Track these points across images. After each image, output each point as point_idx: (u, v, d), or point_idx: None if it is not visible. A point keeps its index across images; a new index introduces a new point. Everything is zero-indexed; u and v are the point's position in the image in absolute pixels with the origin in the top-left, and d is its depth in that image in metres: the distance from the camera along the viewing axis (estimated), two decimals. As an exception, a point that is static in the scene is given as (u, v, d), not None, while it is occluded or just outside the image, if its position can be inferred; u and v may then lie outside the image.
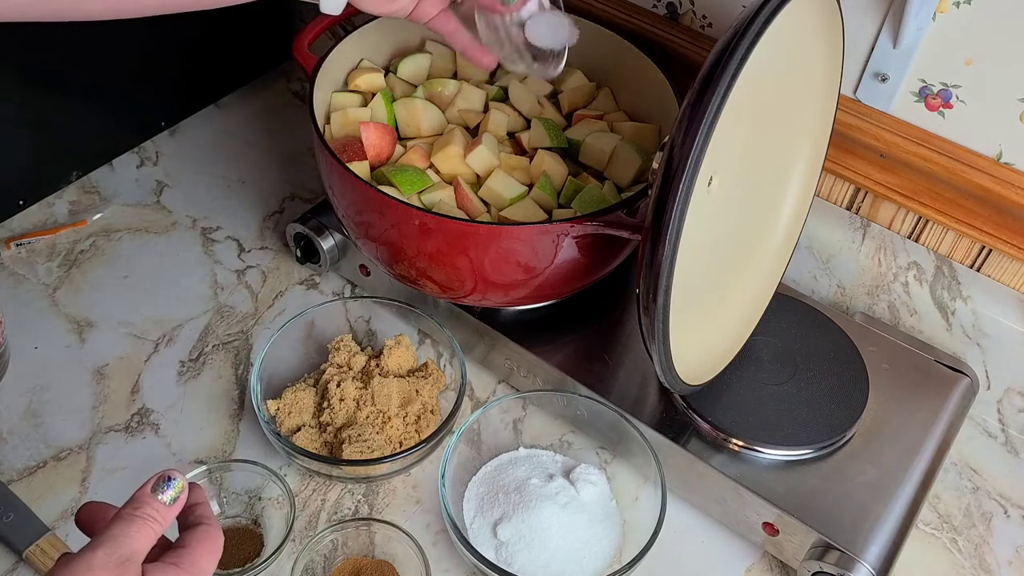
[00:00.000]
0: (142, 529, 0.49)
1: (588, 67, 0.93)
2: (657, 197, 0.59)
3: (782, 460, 0.75)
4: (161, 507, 0.51)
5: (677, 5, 0.89)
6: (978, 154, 0.78)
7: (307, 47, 0.85)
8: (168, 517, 0.51)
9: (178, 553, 0.51)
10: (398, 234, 0.76)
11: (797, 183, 0.81)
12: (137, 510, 0.50)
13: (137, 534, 0.49)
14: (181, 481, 0.52)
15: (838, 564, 0.69)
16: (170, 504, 0.51)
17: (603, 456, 0.81)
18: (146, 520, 0.50)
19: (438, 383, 0.84)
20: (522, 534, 0.74)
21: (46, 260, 0.96)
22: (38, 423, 0.82)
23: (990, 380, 0.87)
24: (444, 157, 0.82)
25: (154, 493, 0.51)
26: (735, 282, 0.79)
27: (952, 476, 0.84)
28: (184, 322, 0.91)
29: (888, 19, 0.76)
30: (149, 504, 0.50)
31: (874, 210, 0.86)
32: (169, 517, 0.51)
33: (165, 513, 0.51)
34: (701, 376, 0.76)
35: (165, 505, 0.51)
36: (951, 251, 0.84)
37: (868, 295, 0.91)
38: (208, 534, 0.52)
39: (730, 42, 0.58)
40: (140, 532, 0.49)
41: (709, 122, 0.57)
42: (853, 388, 0.79)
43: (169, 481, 0.51)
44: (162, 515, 0.51)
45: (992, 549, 0.79)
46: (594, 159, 0.85)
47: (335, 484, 0.80)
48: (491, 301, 0.82)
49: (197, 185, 1.05)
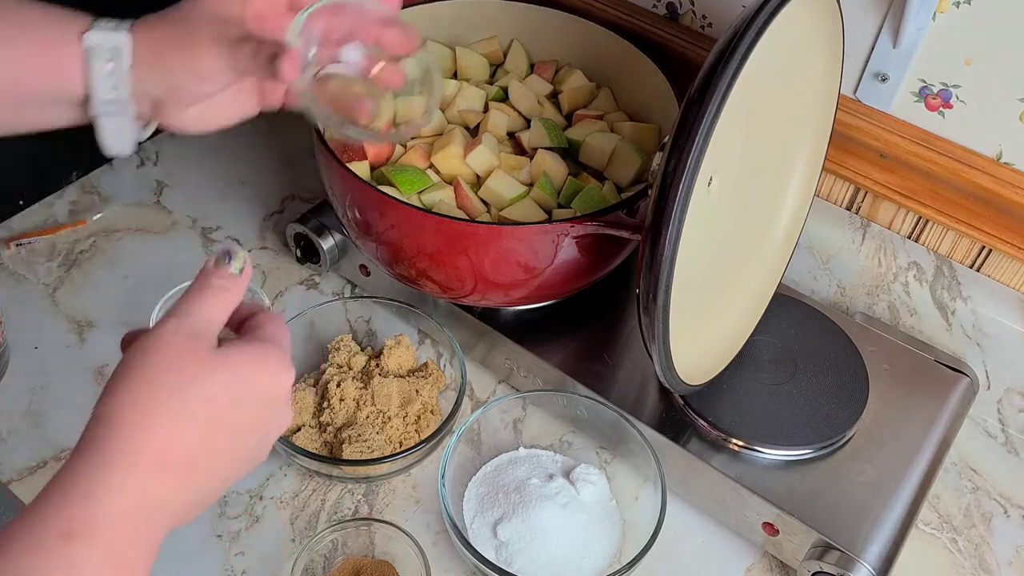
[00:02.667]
0: (213, 299, 0.47)
1: (588, 67, 0.93)
2: (657, 197, 0.59)
3: (782, 460, 0.75)
4: (229, 276, 0.48)
5: (677, 5, 0.89)
6: (978, 154, 0.78)
7: (307, 47, 0.85)
8: (238, 287, 0.48)
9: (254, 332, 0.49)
10: (398, 234, 0.76)
11: (797, 183, 0.81)
12: (206, 281, 0.48)
13: (209, 305, 0.47)
14: (243, 252, 0.49)
15: (838, 564, 0.69)
16: (238, 274, 0.48)
17: (603, 456, 0.81)
18: (216, 290, 0.47)
19: (438, 383, 0.84)
20: (522, 534, 0.74)
21: (46, 260, 0.96)
22: (38, 423, 0.82)
23: (990, 380, 0.87)
24: (444, 157, 0.82)
25: (218, 266, 0.48)
26: (735, 282, 0.79)
27: (952, 476, 0.84)
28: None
29: (888, 19, 0.76)
30: (216, 274, 0.48)
31: (874, 210, 0.86)
32: (239, 288, 0.48)
33: (234, 282, 0.48)
34: (701, 376, 0.76)
35: (233, 274, 0.48)
36: (951, 251, 0.84)
37: (868, 295, 0.91)
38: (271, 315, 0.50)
39: (730, 42, 0.58)
40: (212, 302, 0.47)
41: (709, 122, 0.57)
42: (853, 388, 0.79)
43: (231, 254, 0.49)
44: (232, 284, 0.48)
45: (992, 549, 0.79)
46: (594, 159, 0.85)
47: (335, 484, 0.80)
48: (491, 301, 0.82)
49: (197, 185, 1.05)
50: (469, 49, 0.94)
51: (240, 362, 0.47)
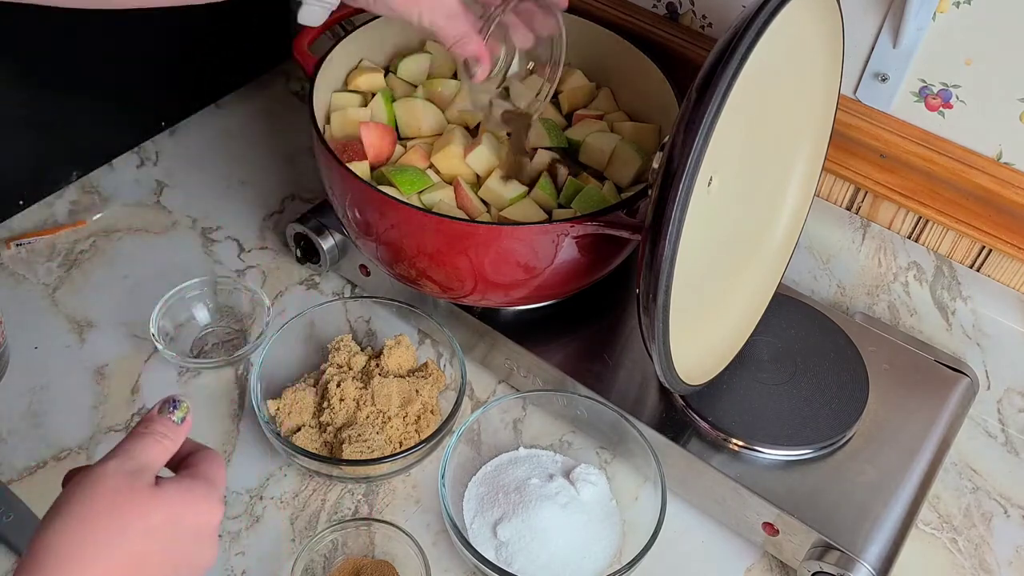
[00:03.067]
0: (154, 445, 0.49)
1: (588, 67, 0.93)
2: (657, 197, 0.59)
3: (782, 460, 0.75)
4: (171, 425, 0.50)
5: (677, 5, 0.89)
6: (978, 154, 0.78)
7: (307, 47, 0.85)
8: (178, 436, 0.51)
9: (190, 470, 0.51)
10: (398, 234, 0.76)
11: (797, 183, 0.81)
12: (148, 428, 0.50)
13: (149, 448, 0.49)
14: (187, 403, 0.51)
15: (838, 564, 0.69)
16: (179, 423, 0.51)
17: (603, 456, 0.81)
18: (157, 436, 0.49)
19: (438, 383, 0.84)
20: (522, 534, 0.74)
21: (46, 260, 0.96)
22: (38, 423, 0.82)
23: (990, 380, 0.87)
24: (444, 157, 0.82)
25: (161, 415, 0.51)
26: (735, 282, 0.79)
27: (952, 476, 0.84)
28: (184, 322, 0.91)
29: (888, 19, 0.76)
30: (158, 422, 0.50)
31: (874, 210, 0.86)
32: (179, 436, 0.51)
33: (175, 431, 0.50)
34: (701, 376, 0.76)
35: (175, 423, 0.50)
36: (951, 251, 0.84)
37: (868, 295, 0.91)
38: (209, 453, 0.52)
39: (730, 42, 0.58)
40: (152, 447, 0.49)
41: (709, 122, 0.57)
42: (853, 388, 0.79)
43: (175, 403, 0.51)
44: (172, 433, 0.50)
45: (992, 549, 0.79)
46: (594, 159, 0.85)
47: (335, 484, 0.80)
48: (491, 301, 0.82)
49: (197, 185, 1.05)
50: (469, 49, 0.93)
51: (173, 501, 0.48)
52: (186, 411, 0.52)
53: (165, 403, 0.51)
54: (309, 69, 0.84)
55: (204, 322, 0.90)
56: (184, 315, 0.89)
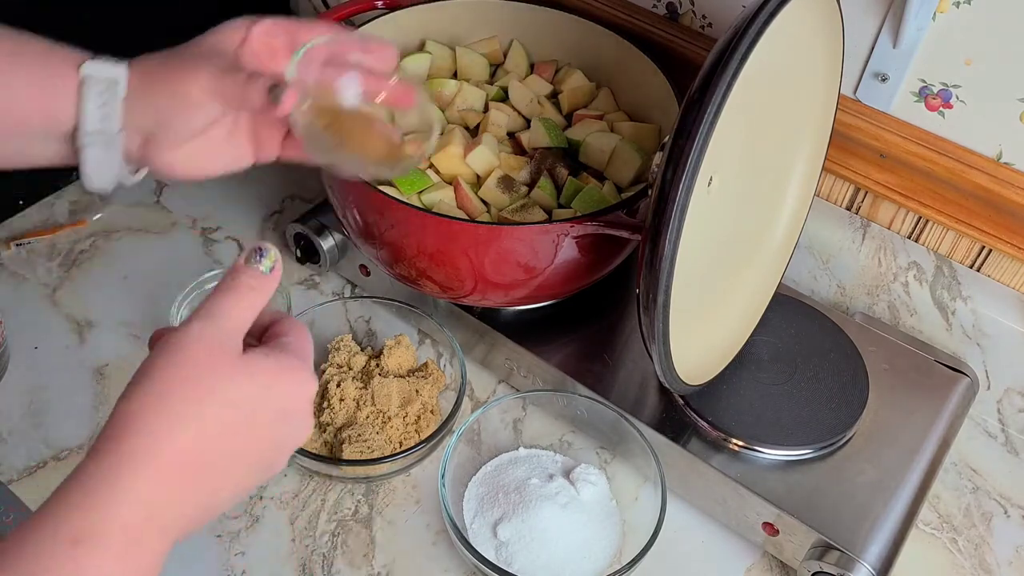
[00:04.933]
0: (241, 300, 0.47)
1: (588, 67, 0.93)
2: (657, 197, 0.59)
3: (782, 460, 0.75)
4: (259, 275, 0.47)
5: (677, 5, 0.89)
6: (978, 154, 0.78)
7: (307, 47, 0.85)
8: (267, 288, 0.48)
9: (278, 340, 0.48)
10: (398, 234, 0.76)
11: (797, 183, 0.81)
12: (234, 279, 0.47)
13: (237, 305, 0.46)
14: (274, 251, 0.48)
15: (838, 564, 0.69)
16: (267, 272, 0.48)
17: (603, 456, 0.81)
18: (244, 290, 0.47)
19: (438, 383, 0.84)
20: (522, 534, 0.74)
21: (46, 260, 0.96)
22: (38, 423, 0.82)
23: (990, 380, 0.87)
24: (444, 157, 0.82)
25: (248, 264, 0.48)
26: (735, 282, 0.79)
27: (952, 476, 0.84)
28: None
29: (888, 19, 0.76)
30: (246, 272, 0.47)
31: (874, 210, 0.86)
32: (268, 288, 0.48)
33: (264, 282, 0.47)
34: (701, 376, 0.76)
35: (262, 274, 0.47)
36: (951, 251, 0.84)
37: (868, 295, 0.91)
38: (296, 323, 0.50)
39: (730, 42, 0.58)
40: (240, 303, 0.47)
41: (709, 122, 0.57)
42: (853, 388, 0.79)
43: (262, 252, 0.48)
44: (260, 284, 0.47)
45: (992, 549, 0.79)
46: (594, 159, 0.85)
47: (335, 484, 0.80)
48: (491, 301, 0.82)
49: (197, 185, 1.05)
50: (469, 49, 0.94)
51: (263, 372, 0.46)
52: (274, 260, 0.48)
53: (252, 252, 0.48)
54: (309, 69, 0.84)
55: None
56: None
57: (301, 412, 0.49)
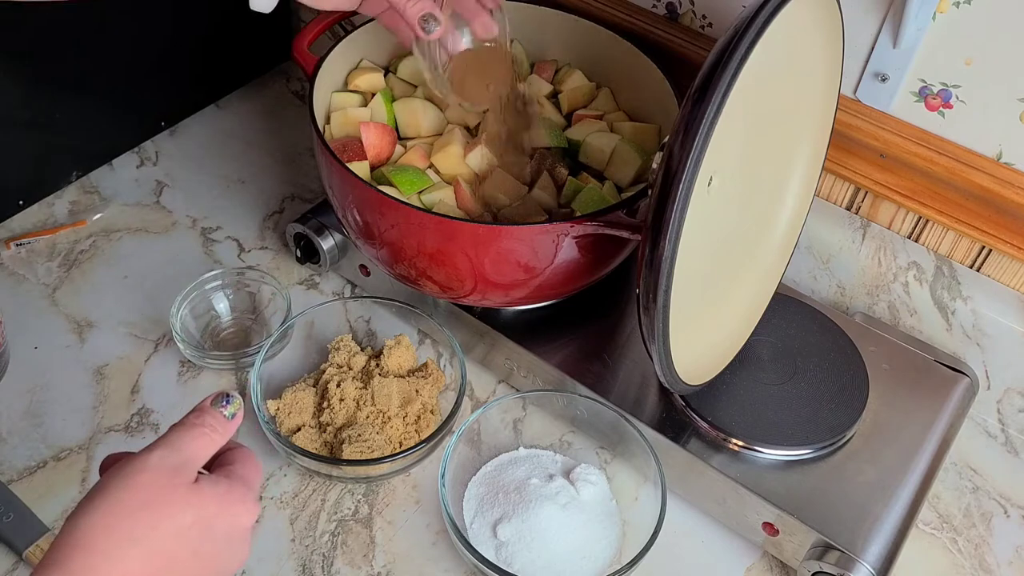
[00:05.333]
0: (201, 438, 0.49)
1: (588, 67, 0.93)
2: (657, 197, 0.59)
3: (782, 460, 0.75)
4: (221, 420, 0.50)
5: (677, 5, 0.89)
6: (978, 154, 0.78)
7: (307, 47, 0.85)
8: (227, 432, 0.50)
9: (226, 468, 0.50)
10: (398, 234, 0.76)
11: (797, 183, 0.81)
12: (199, 419, 0.49)
13: (195, 442, 0.48)
14: (239, 400, 0.51)
15: (838, 564, 0.69)
16: (230, 418, 0.50)
17: (603, 456, 0.81)
18: (206, 430, 0.49)
19: (438, 383, 0.84)
20: (522, 534, 0.74)
21: (46, 260, 0.96)
22: (38, 423, 0.82)
23: (990, 380, 0.87)
24: (444, 157, 0.82)
25: (213, 407, 0.50)
26: (735, 282, 0.79)
27: (952, 476, 0.84)
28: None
29: (888, 19, 0.76)
30: (210, 414, 0.49)
31: (874, 210, 0.86)
32: (228, 432, 0.50)
33: (225, 427, 0.50)
34: (701, 376, 0.76)
35: (225, 418, 0.50)
36: (951, 251, 0.84)
37: (868, 295, 0.91)
38: (245, 452, 0.52)
39: (730, 42, 0.58)
40: (198, 441, 0.48)
41: (709, 122, 0.57)
42: (853, 388, 0.79)
43: (228, 398, 0.50)
44: (222, 428, 0.50)
45: (992, 549, 0.79)
46: (594, 159, 0.85)
47: (335, 484, 0.80)
48: (491, 301, 0.82)
49: (197, 185, 1.05)
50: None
51: (212, 500, 0.48)
52: (238, 407, 0.51)
53: (218, 396, 0.51)
54: (309, 69, 0.84)
55: (224, 315, 0.91)
56: (203, 307, 0.89)
57: (239, 537, 0.50)
